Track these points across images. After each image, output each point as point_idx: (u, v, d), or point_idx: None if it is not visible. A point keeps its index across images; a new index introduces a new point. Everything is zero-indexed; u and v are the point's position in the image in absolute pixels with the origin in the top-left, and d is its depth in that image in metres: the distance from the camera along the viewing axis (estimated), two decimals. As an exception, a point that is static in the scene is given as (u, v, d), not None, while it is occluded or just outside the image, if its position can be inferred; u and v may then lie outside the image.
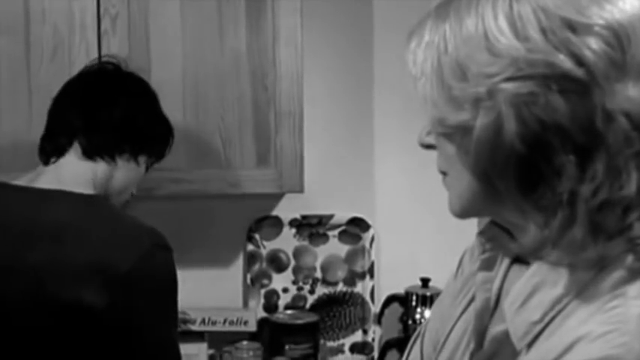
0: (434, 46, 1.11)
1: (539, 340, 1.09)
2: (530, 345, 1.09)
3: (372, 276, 3.09)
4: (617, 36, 1.04)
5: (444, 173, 1.19)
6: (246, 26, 2.56)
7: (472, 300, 1.27)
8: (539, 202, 1.06)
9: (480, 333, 1.22)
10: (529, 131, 1.03)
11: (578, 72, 1.02)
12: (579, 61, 1.02)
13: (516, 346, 1.11)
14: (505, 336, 1.13)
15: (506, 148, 1.05)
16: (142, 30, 2.52)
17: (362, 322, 3.11)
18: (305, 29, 2.59)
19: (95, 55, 2.44)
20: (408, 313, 2.99)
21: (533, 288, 1.11)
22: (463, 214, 1.18)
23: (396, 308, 3.05)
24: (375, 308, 3.10)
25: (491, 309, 1.22)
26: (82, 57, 2.43)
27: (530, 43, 1.04)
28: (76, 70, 2.26)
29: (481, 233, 1.27)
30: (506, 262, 1.24)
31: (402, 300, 3.02)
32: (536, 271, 1.12)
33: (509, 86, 1.04)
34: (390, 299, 3.06)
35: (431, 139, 1.18)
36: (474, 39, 1.07)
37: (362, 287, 3.10)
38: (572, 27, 1.03)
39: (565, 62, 1.02)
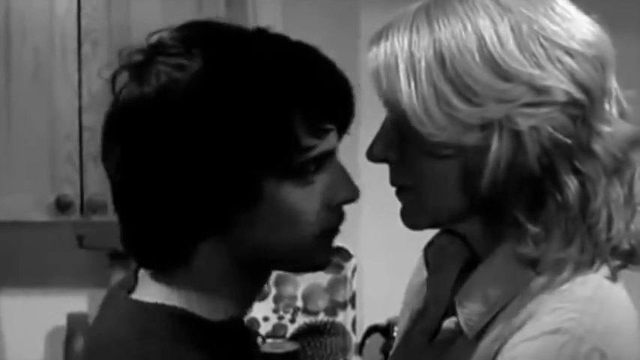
0: (422, 63, 1.10)
1: (491, 326, 1.12)
2: (482, 332, 1.13)
3: (353, 306, 3.07)
4: (601, 60, 1.12)
5: (403, 187, 1.19)
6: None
7: (420, 310, 1.32)
8: (537, 217, 1.10)
9: (432, 338, 1.23)
10: (544, 153, 1.08)
11: (582, 97, 1.09)
12: (582, 86, 1.09)
13: (467, 335, 1.14)
14: (457, 326, 1.15)
15: (523, 169, 1.08)
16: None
17: (343, 353, 3.09)
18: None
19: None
20: (389, 344, 2.97)
21: (483, 282, 1.14)
22: (423, 227, 1.20)
23: (378, 339, 3.03)
24: (356, 338, 3.08)
25: (442, 314, 1.23)
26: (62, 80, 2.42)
27: (542, 70, 1.08)
28: (56, 93, 2.23)
29: (430, 245, 1.32)
30: (455, 270, 1.26)
31: (384, 330, 3.01)
32: (486, 266, 1.15)
33: (527, 111, 1.07)
34: (372, 330, 3.04)
35: (393, 154, 1.18)
36: (478, 62, 1.08)
37: (343, 317, 3.08)
38: (570, 54, 1.10)
39: (571, 88, 1.08)
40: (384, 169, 1.20)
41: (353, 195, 1.21)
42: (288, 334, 3.08)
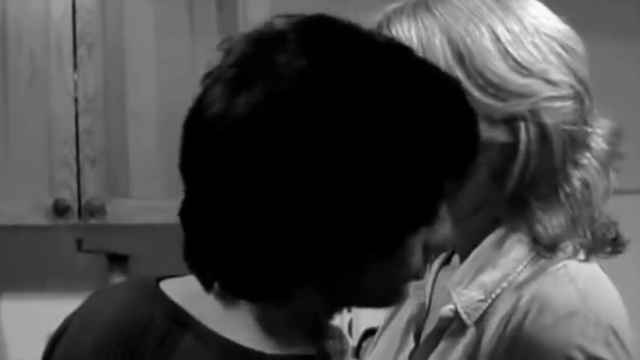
0: (440, 61, 1.10)
1: (489, 311, 1.12)
2: (480, 319, 1.12)
3: (349, 309, 3.07)
4: (584, 56, 1.15)
5: None
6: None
7: (398, 309, 1.32)
8: (550, 206, 1.12)
9: (418, 335, 1.24)
10: (562, 144, 1.11)
11: (582, 91, 1.13)
12: (581, 81, 1.13)
13: (466, 321, 1.13)
14: (455, 314, 1.15)
15: (549, 161, 1.11)
16: (117, 57, 2.52)
17: (340, 356, 3.08)
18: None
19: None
20: (385, 347, 2.97)
21: (477, 269, 1.14)
22: None
23: (374, 342, 3.02)
24: (352, 342, 3.07)
25: (426, 311, 1.24)
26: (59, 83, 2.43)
27: (551, 65, 1.11)
28: (53, 97, 2.25)
29: None
30: (434, 268, 1.27)
31: (380, 333, 3.00)
32: (479, 254, 1.15)
33: (549, 105, 1.10)
34: (368, 333, 3.04)
35: None
36: (497, 58, 1.10)
37: (339, 320, 3.08)
38: (565, 49, 1.13)
39: (574, 82, 1.12)
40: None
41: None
42: (285, 338, 3.07)
